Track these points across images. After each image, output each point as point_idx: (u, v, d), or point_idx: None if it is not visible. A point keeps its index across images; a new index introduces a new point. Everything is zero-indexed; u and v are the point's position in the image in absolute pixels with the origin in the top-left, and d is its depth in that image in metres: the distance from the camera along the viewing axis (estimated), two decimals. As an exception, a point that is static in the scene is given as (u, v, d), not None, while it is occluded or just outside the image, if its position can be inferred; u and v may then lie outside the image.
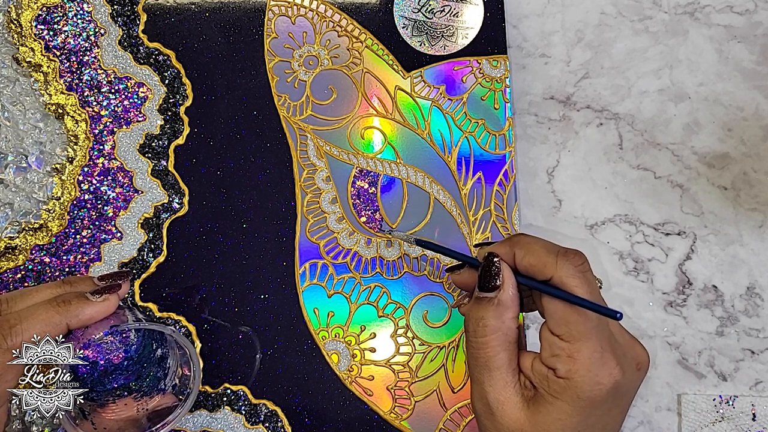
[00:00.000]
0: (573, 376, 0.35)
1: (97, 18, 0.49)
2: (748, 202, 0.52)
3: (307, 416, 0.48)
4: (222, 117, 0.49)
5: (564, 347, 0.35)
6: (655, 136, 0.52)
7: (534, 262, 0.37)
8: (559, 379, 0.35)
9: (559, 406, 0.35)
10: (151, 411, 0.43)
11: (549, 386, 0.35)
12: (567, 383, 0.35)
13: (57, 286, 0.40)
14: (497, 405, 0.36)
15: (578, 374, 0.35)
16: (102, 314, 0.39)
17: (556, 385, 0.35)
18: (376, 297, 0.49)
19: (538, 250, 0.37)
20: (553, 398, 0.35)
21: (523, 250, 0.37)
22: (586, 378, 0.35)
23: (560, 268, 0.36)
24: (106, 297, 0.39)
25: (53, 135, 0.49)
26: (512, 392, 0.36)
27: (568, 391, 0.35)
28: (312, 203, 0.49)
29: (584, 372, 0.35)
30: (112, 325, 0.38)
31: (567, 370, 0.35)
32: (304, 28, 0.50)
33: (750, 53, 0.53)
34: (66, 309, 0.37)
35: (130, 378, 0.42)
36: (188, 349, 0.42)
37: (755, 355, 0.51)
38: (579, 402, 0.35)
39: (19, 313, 0.37)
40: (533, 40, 0.53)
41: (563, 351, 0.35)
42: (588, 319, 0.35)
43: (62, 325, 0.37)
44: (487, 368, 0.37)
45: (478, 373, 0.37)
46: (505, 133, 0.50)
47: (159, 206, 0.48)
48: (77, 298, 0.38)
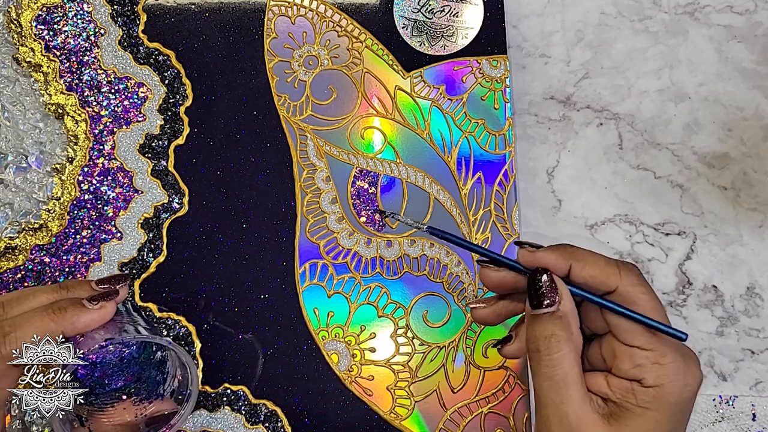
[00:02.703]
0: (663, 381, 0.34)
1: (97, 18, 0.49)
2: (748, 202, 0.52)
3: (307, 416, 0.48)
4: (222, 117, 0.49)
5: (648, 356, 0.34)
6: (655, 136, 0.53)
7: (596, 273, 0.36)
8: (648, 389, 0.34)
9: (650, 416, 0.34)
10: (149, 417, 0.43)
11: (637, 398, 0.34)
12: (658, 391, 0.34)
13: (54, 291, 0.39)
14: (579, 424, 0.34)
15: (668, 379, 0.34)
16: (98, 322, 0.38)
17: (646, 395, 0.34)
18: (376, 297, 0.49)
19: (598, 261, 0.36)
20: (642, 410, 0.34)
21: (581, 261, 0.36)
22: (675, 382, 0.34)
23: (624, 277, 0.35)
24: (102, 304, 0.38)
25: (53, 135, 0.49)
26: (590, 410, 0.35)
27: (658, 398, 0.34)
28: (312, 203, 0.49)
29: (673, 376, 0.34)
30: (108, 338, 0.38)
31: (656, 377, 0.34)
32: (304, 28, 0.50)
33: (750, 53, 0.53)
34: (61, 317, 0.37)
35: (130, 380, 0.42)
36: (187, 362, 0.42)
37: (755, 355, 0.51)
38: (671, 408, 0.34)
39: (14, 320, 0.36)
40: (533, 40, 0.53)
41: (647, 359, 0.34)
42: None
43: (57, 334, 0.37)
44: (564, 386, 0.35)
45: (554, 394, 0.35)
46: (505, 133, 0.51)
47: (159, 206, 0.48)
48: (73, 305, 0.38)
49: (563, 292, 0.36)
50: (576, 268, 0.36)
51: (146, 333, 0.40)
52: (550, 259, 0.36)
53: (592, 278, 0.36)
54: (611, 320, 0.36)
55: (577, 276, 0.36)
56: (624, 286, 0.35)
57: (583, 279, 0.36)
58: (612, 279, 0.35)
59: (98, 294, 0.39)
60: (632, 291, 0.35)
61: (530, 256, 0.37)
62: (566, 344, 0.35)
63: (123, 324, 0.40)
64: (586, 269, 0.36)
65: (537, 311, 0.36)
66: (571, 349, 0.35)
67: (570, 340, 0.35)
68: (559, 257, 0.36)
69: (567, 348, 0.35)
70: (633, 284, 0.35)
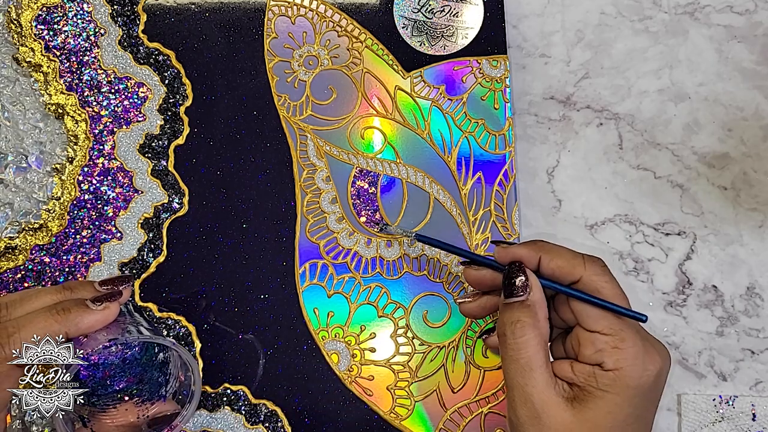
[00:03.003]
0: (622, 365, 0.36)
1: (97, 18, 0.49)
2: (748, 202, 0.52)
3: (307, 416, 0.48)
4: (222, 117, 0.49)
5: (608, 341, 0.37)
6: (655, 136, 0.53)
7: (562, 264, 0.39)
8: (608, 372, 0.36)
9: (610, 398, 0.36)
10: (152, 418, 0.43)
11: (597, 382, 0.36)
12: (617, 374, 0.36)
13: (57, 292, 0.39)
14: (543, 406, 0.36)
15: (627, 363, 0.36)
16: (101, 323, 0.38)
17: (605, 378, 0.36)
18: (376, 297, 0.49)
19: (564, 254, 0.39)
20: (602, 392, 0.36)
21: (549, 254, 0.39)
22: (634, 366, 0.36)
23: (588, 268, 0.38)
24: (106, 305, 0.38)
25: (53, 135, 0.49)
26: (554, 393, 0.37)
27: (618, 381, 0.36)
28: (312, 203, 0.49)
29: (632, 360, 0.36)
30: (111, 339, 0.38)
31: (615, 361, 0.36)
32: (304, 28, 0.50)
33: (750, 53, 0.53)
34: (65, 317, 0.37)
35: (132, 382, 0.42)
36: (190, 363, 0.42)
37: (755, 355, 0.51)
38: (629, 391, 0.36)
39: (18, 321, 0.37)
40: (533, 40, 0.53)
41: (607, 344, 0.37)
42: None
43: (61, 334, 0.37)
44: (529, 368, 0.37)
45: (519, 376, 0.37)
46: (505, 133, 0.51)
47: (159, 206, 0.48)
48: (77, 306, 0.38)
49: (533, 284, 0.38)
50: (545, 260, 0.39)
51: (149, 334, 0.40)
52: (521, 253, 0.39)
53: (559, 269, 0.39)
54: (576, 308, 0.38)
55: (546, 267, 0.39)
56: (588, 276, 0.38)
57: (551, 270, 0.39)
58: (577, 269, 0.38)
59: (102, 295, 0.39)
60: (596, 280, 0.38)
61: (504, 252, 0.40)
62: (531, 330, 0.37)
63: (126, 325, 0.40)
64: (554, 261, 0.39)
65: (508, 300, 0.39)
66: (536, 335, 0.37)
67: (536, 327, 0.37)
68: (530, 251, 0.39)
69: (532, 333, 0.37)
70: (596, 274, 0.38)
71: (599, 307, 0.38)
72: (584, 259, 0.39)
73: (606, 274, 0.39)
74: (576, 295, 0.38)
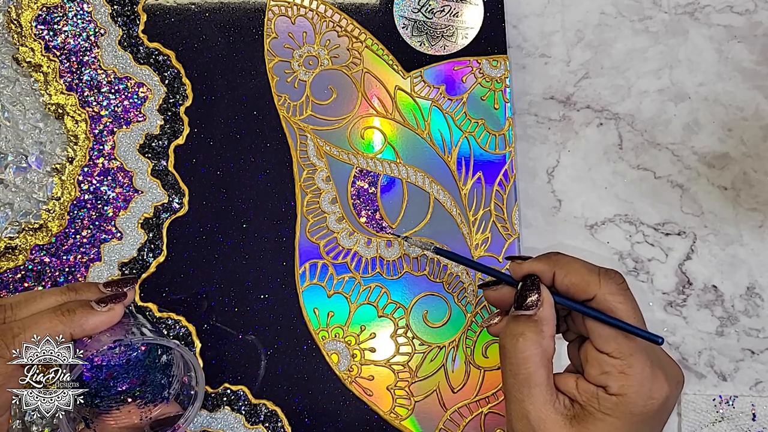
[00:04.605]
0: (627, 391, 0.35)
1: (97, 18, 0.49)
2: (748, 202, 0.52)
3: (307, 416, 0.48)
4: (222, 117, 0.49)
5: (615, 364, 0.36)
6: (655, 136, 0.53)
7: (576, 281, 0.37)
8: (612, 396, 0.35)
9: (611, 422, 0.35)
10: (155, 419, 0.43)
11: (600, 404, 0.35)
12: (620, 399, 0.35)
13: (62, 293, 0.39)
14: (539, 423, 0.36)
15: (632, 389, 0.35)
16: (106, 324, 0.38)
17: (608, 402, 0.35)
18: (376, 297, 0.49)
19: (579, 269, 0.37)
20: (603, 415, 0.35)
21: (564, 269, 0.38)
22: (639, 393, 0.35)
23: (603, 286, 0.37)
24: (111, 307, 0.39)
25: (53, 135, 0.49)
26: (553, 410, 0.36)
27: (620, 407, 0.35)
28: (312, 203, 0.49)
29: (638, 387, 0.35)
30: (116, 339, 0.38)
31: (620, 386, 0.35)
32: (304, 28, 0.50)
33: (750, 53, 0.53)
34: (70, 318, 0.37)
35: (135, 383, 0.42)
36: (193, 364, 0.42)
37: (755, 355, 0.51)
38: (631, 418, 0.35)
39: (23, 322, 0.37)
40: (533, 40, 0.53)
41: (614, 368, 0.35)
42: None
43: (66, 335, 0.37)
44: (527, 385, 0.36)
45: (517, 391, 0.36)
46: (505, 133, 0.51)
47: (159, 206, 0.48)
48: (82, 307, 0.38)
49: (545, 300, 0.37)
50: (559, 276, 0.38)
51: (152, 335, 0.40)
52: (536, 268, 0.38)
53: (573, 286, 0.37)
54: (589, 325, 0.37)
55: (560, 283, 0.38)
56: (602, 294, 0.37)
57: (565, 286, 0.38)
58: (591, 287, 0.37)
59: (106, 296, 0.39)
60: (610, 299, 0.36)
61: (518, 268, 0.39)
62: (533, 346, 0.36)
63: (129, 326, 0.40)
64: (568, 277, 0.37)
65: (517, 312, 0.38)
66: (538, 352, 0.36)
67: (539, 344, 0.36)
68: (544, 265, 0.38)
69: (534, 350, 0.36)
70: (612, 293, 0.37)
71: (612, 326, 0.36)
72: (600, 276, 0.37)
73: (622, 292, 0.37)
74: (589, 314, 0.37)
